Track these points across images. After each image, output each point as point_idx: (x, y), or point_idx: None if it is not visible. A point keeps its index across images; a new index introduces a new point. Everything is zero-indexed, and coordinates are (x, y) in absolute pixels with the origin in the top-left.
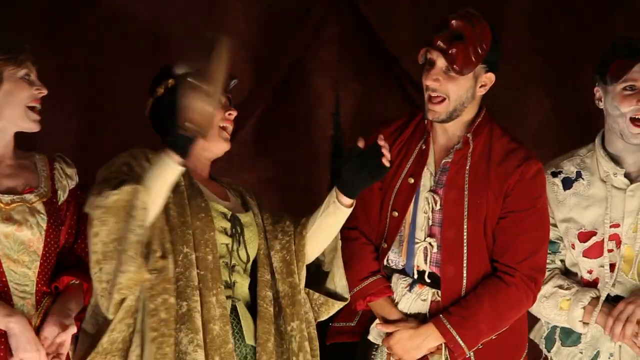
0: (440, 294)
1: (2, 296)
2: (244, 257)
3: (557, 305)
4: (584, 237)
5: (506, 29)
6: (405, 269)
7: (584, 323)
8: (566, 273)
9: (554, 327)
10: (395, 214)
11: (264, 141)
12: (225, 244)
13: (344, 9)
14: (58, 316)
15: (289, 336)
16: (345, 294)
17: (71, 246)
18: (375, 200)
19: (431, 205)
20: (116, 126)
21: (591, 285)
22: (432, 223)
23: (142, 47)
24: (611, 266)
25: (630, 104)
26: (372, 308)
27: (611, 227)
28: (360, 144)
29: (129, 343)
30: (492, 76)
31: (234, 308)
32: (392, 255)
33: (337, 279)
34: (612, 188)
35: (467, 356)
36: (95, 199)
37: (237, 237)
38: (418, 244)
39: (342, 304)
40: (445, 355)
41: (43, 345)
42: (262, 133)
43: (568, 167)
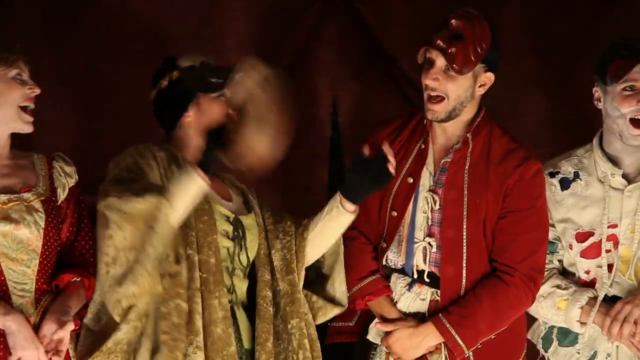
0: (439, 294)
1: (1, 295)
2: (244, 261)
3: (555, 305)
4: (582, 238)
5: (505, 29)
6: (404, 269)
7: (582, 323)
8: (564, 273)
9: (552, 327)
10: (394, 214)
11: None
12: (226, 248)
13: (342, 10)
14: (56, 313)
15: (289, 335)
16: (343, 301)
17: (72, 243)
18: (374, 199)
19: (430, 205)
20: (115, 126)
21: (588, 285)
22: (432, 223)
23: (142, 47)
24: (609, 267)
25: (630, 105)
26: (371, 307)
27: (609, 228)
28: (365, 151)
29: (135, 345)
30: (492, 76)
31: (233, 311)
32: (391, 254)
33: (337, 284)
34: (610, 189)
35: (466, 356)
36: (112, 200)
37: (239, 241)
38: (417, 244)
39: (340, 310)
40: (444, 354)
41: (42, 342)
42: None
43: (566, 168)
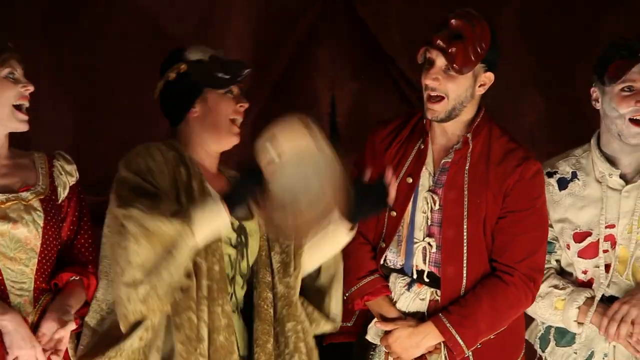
0: (438, 293)
1: None
2: (245, 269)
3: (552, 305)
4: (579, 238)
5: (502, 29)
6: (403, 269)
7: (579, 323)
8: (561, 273)
9: (549, 327)
10: (393, 214)
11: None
12: (228, 255)
13: (341, 10)
14: (57, 312)
15: (285, 338)
16: (337, 320)
17: (72, 242)
18: None
19: (430, 205)
20: (115, 126)
21: (586, 285)
22: (431, 223)
23: (142, 47)
24: (606, 267)
25: (628, 105)
26: (370, 307)
27: (606, 228)
28: (367, 174)
29: (140, 356)
30: (491, 75)
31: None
32: (390, 254)
33: (333, 304)
34: (608, 189)
35: (466, 355)
36: (136, 213)
37: (241, 248)
38: (417, 244)
39: (332, 329)
40: (444, 354)
41: (40, 341)
42: (259, 133)
43: (563, 168)
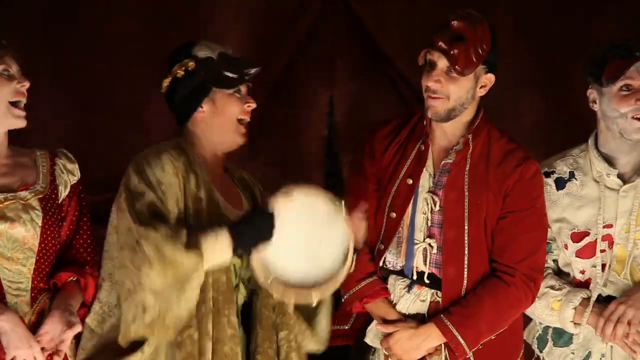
0: (439, 295)
1: None
2: (248, 277)
3: (549, 305)
4: (577, 238)
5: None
6: (403, 270)
7: (575, 324)
8: (559, 273)
9: (546, 328)
10: (393, 215)
11: (258, 141)
12: (233, 264)
13: (340, 10)
14: (62, 312)
15: (277, 347)
16: (323, 341)
17: (71, 241)
18: (370, 201)
19: (430, 206)
20: (113, 126)
21: (583, 285)
22: (431, 224)
23: (140, 48)
24: (603, 266)
25: (629, 104)
26: (369, 309)
27: (604, 228)
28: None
29: None
30: (492, 77)
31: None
32: (390, 256)
33: (322, 325)
34: (605, 188)
35: (467, 356)
36: (155, 237)
37: (246, 257)
38: (417, 245)
39: (317, 348)
40: (444, 355)
41: (41, 340)
42: (256, 133)
43: (561, 167)
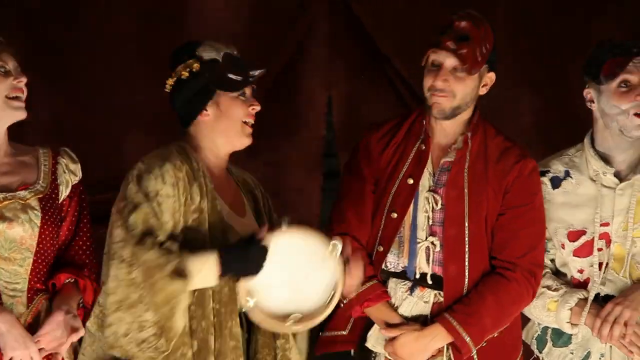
0: (442, 295)
1: None
2: None
3: (545, 306)
4: (574, 237)
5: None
6: (404, 272)
7: (572, 324)
8: (556, 273)
9: (545, 328)
10: (394, 215)
11: (256, 141)
12: None
13: (337, 9)
14: (66, 314)
15: (274, 353)
16: (303, 354)
17: (70, 242)
18: (367, 203)
19: (432, 204)
20: (113, 126)
21: (582, 285)
22: (433, 223)
23: (140, 48)
24: (600, 265)
25: (629, 100)
26: (369, 314)
27: (601, 226)
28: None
29: None
30: (493, 75)
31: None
32: (391, 257)
33: (300, 338)
34: (602, 187)
35: (472, 354)
36: (139, 253)
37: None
38: (420, 244)
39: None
40: (447, 355)
41: (41, 341)
42: (254, 133)
43: (556, 167)
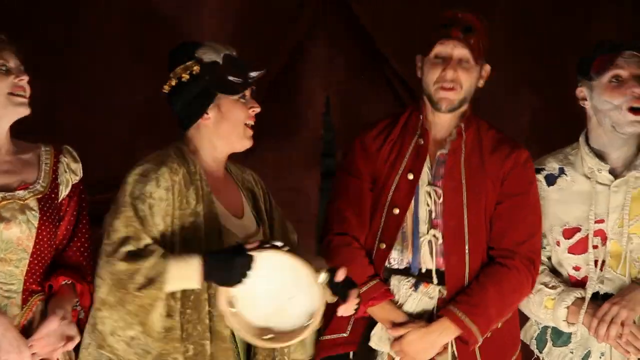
0: (445, 289)
1: None
2: None
3: (542, 303)
4: (569, 234)
5: (499, 30)
6: (407, 268)
7: (569, 323)
8: (553, 272)
9: (545, 328)
10: (396, 211)
11: (255, 141)
12: None
13: (336, 9)
14: (61, 320)
15: (272, 357)
16: (308, 353)
17: (68, 242)
18: (366, 201)
19: (433, 198)
20: (113, 126)
21: (580, 284)
22: (436, 216)
23: (139, 48)
24: (596, 262)
25: (620, 94)
26: (373, 313)
27: (595, 223)
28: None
29: None
30: (489, 68)
31: (232, 334)
32: (395, 253)
33: (308, 343)
34: (597, 184)
35: (478, 343)
36: (111, 264)
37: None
38: (422, 238)
39: (302, 358)
40: (451, 352)
41: (35, 345)
42: (253, 132)
43: (551, 164)
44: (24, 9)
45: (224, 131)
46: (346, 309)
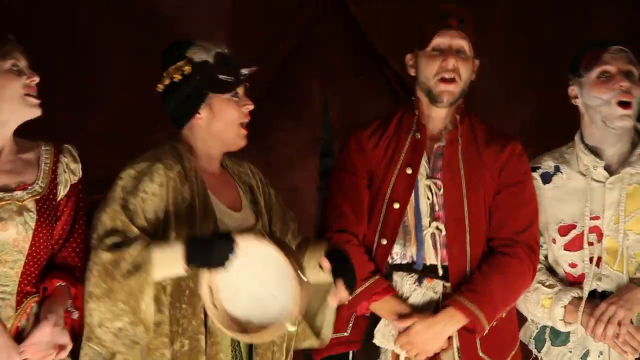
0: (449, 286)
1: None
2: None
3: (539, 302)
4: (564, 231)
5: (498, 30)
6: (411, 263)
7: (566, 322)
8: (550, 271)
9: (544, 327)
10: (396, 206)
11: (253, 141)
12: None
13: (334, 10)
14: (54, 326)
15: (272, 353)
16: (326, 340)
17: (64, 243)
18: (363, 197)
19: (434, 190)
20: (109, 126)
21: (577, 282)
22: (438, 208)
23: (138, 47)
24: (590, 259)
25: (609, 89)
26: (376, 309)
27: (591, 220)
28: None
29: None
30: (478, 62)
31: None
32: (397, 248)
33: (326, 325)
34: (592, 181)
35: (485, 332)
36: (100, 254)
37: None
38: (425, 231)
39: (318, 345)
40: (455, 347)
41: (26, 351)
42: (251, 133)
43: (547, 163)
44: (24, 9)
45: (217, 130)
46: (336, 298)
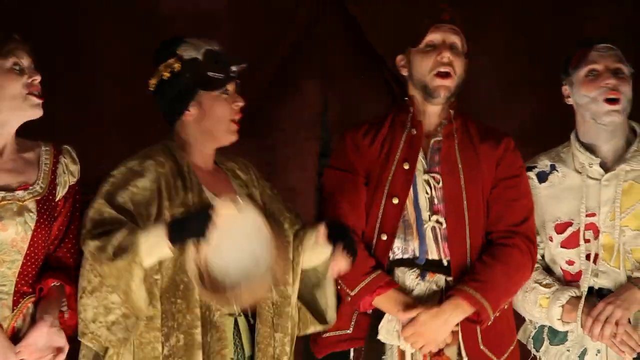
0: (451, 280)
1: None
2: None
3: (537, 301)
4: (561, 229)
5: (498, 30)
6: (412, 257)
7: (563, 322)
8: (547, 271)
9: (542, 327)
10: (395, 201)
11: (252, 141)
12: None
13: (333, 10)
14: (50, 327)
15: (273, 347)
16: (331, 322)
17: (59, 243)
18: (361, 194)
19: (432, 184)
20: (108, 126)
21: (573, 280)
22: (437, 201)
23: (137, 48)
24: (587, 256)
25: (596, 87)
26: (380, 304)
27: (587, 217)
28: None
29: None
30: (467, 61)
31: (235, 322)
32: (398, 242)
33: (330, 312)
34: (587, 178)
35: (490, 321)
36: (88, 243)
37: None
38: (426, 225)
39: (323, 329)
40: (460, 341)
41: (22, 352)
42: (250, 133)
43: (543, 162)
44: (24, 9)
45: (207, 127)
46: (336, 266)
